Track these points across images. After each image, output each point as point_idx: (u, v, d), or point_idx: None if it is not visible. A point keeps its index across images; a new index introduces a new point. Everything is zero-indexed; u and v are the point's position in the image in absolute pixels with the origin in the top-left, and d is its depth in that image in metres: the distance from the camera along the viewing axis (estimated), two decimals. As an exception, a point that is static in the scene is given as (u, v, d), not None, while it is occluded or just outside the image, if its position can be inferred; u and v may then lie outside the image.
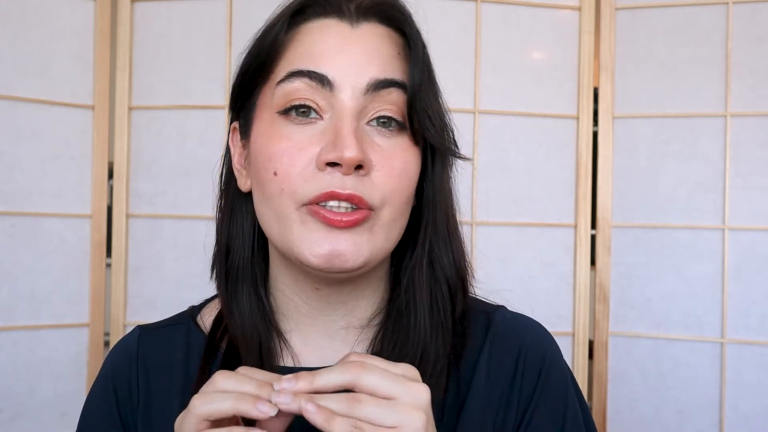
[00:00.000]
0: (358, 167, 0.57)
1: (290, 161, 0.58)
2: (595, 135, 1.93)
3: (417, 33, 0.62)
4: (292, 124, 0.59)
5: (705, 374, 1.86)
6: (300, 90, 0.59)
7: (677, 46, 1.90)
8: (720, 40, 1.88)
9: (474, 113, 1.89)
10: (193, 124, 1.87)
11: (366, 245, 0.58)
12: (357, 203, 0.57)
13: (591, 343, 1.93)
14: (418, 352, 0.61)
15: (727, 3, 1.87)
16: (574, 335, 1.90)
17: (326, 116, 0.59)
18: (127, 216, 1.87)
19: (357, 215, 0.57)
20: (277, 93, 0.60)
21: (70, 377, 1.82)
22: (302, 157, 0.58)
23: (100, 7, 1.85)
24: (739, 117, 1.86)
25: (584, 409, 0.68)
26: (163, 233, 1.87)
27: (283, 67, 0.61)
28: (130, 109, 1.88)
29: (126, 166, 1.87)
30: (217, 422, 0.51)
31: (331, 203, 0.57)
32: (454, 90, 1.89)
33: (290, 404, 0.49)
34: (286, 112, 0.60)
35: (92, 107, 1.86)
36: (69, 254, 1.83)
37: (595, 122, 1.94)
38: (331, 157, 0.56)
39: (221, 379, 0.52)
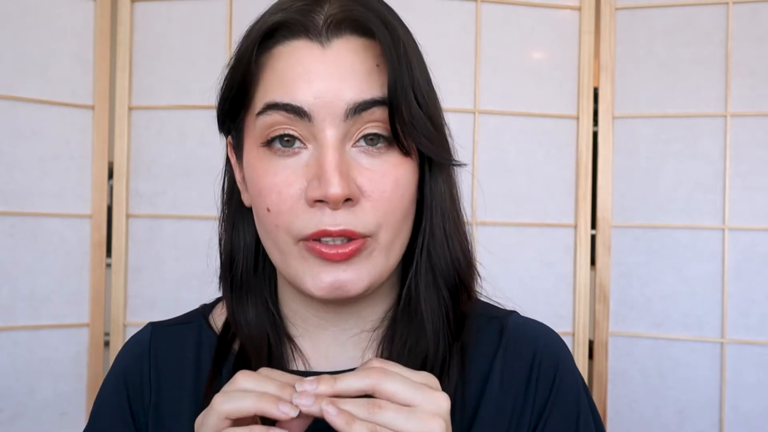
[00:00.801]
0: (347, 200, 0.56)
1: (279, 198, 0.57)
2: (595, 135, 1.93)
3: (390, 38, 0.56)
4: (277, 156, 0.58)
5: (705, 374, 1.86)
6: (279, 122, 0.57)
7: (677, 46, 1.90)
8: (720, 40, 1.88)
9: (474, 113, 1.89)
10: (193, 124, 1.87)
11: (366, 273, 0.58)
12: (350, 236, 0.56)
13: (591, 343, 1.93)
14: (423, 354, 0.61)
15: (727, 3, 1.87)
16: (574, 335, 1.90)
17: (310, 146, 0.57)
18: (127, 216, 1.87)
19: (352, 246, 0.56)
20: (257, 125, 0.59)
21: (70, 377, 1.82)
22: (291, 193, 0.57)
23: (100, 7, 1.85)
24: (739, 117, 1.86)
25: (595, 414, 0.68)
26: (163, 233, 1.87)
27: (260, 98, 0.59)
28: (130, 109, 1.88)
29: (126, 166, 1.87)
30: (238, 421, 0.51)
31: (325, 239, 0.57)
32: (454, 90, 1.89)
33: (311, 406, 0.49)
34: (268, 143, 0.58)
35: (92, 107, 1.86)
36: (69, 254, 1.83)
37: (595, 122, 1.94)
38: (317, 195, 0.55)
39: (243, 379, 0.52)
